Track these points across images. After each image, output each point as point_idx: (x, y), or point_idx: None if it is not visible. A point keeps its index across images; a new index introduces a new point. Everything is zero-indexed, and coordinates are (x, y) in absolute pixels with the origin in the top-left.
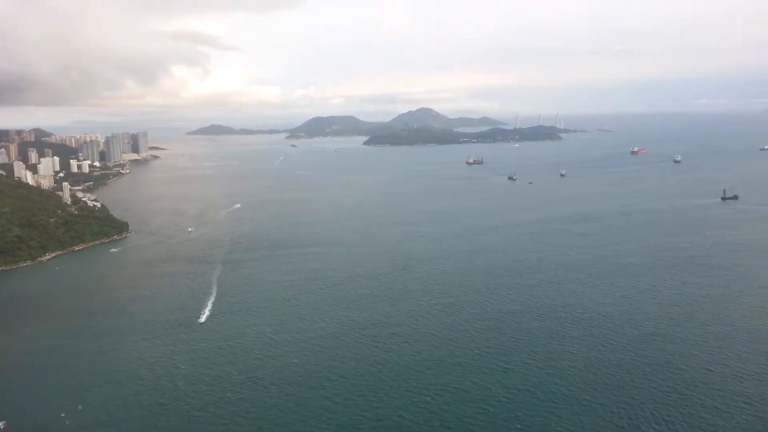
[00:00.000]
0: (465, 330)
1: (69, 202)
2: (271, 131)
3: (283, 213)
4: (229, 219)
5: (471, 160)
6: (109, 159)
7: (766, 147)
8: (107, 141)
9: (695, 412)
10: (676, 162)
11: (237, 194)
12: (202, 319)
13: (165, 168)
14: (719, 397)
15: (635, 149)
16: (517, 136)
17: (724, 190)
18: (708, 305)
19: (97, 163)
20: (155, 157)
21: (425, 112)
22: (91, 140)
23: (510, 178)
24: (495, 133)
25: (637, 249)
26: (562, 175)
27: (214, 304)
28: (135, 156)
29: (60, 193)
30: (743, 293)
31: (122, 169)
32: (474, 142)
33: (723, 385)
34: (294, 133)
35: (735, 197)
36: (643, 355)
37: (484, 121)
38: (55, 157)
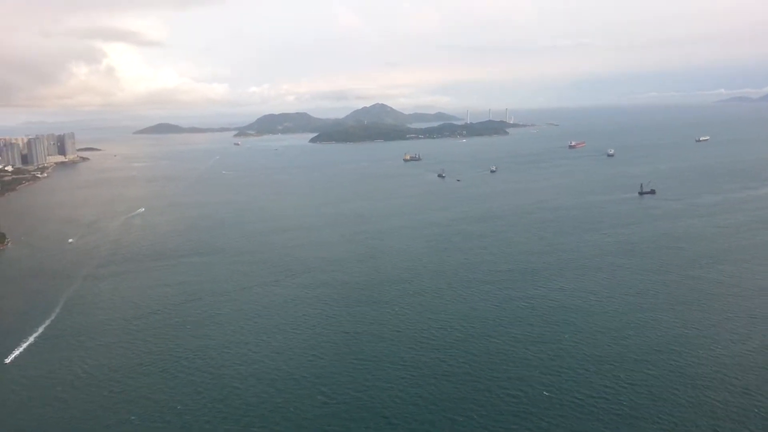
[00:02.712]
0: (303, 357)
1: None
2: (221, 129)
3: (185, 218)
4: (124, 226)
5: (408, 157)
6: (32, 162)
7: (702, 138)
8: (29, 143)
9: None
10: (609, 156)
11: (146, 198)
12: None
13: (89, 170)
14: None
15: (573, 143)
16: (465, 132)
17: (641, 185)
18: (559, 315)
19: (9, 168)
20: (84, 159)
21: (380, 108)
22: (11, 142)
23: (439, 176)
24: (443, 128)
25: (524, 251)
26: (492, 171)
27: (47, 327)
28: (61, 158)
29: None
30: (610, 299)
31: (40, 173)
32: (422, 138)
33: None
34: (243, 131)
35: (652, 192)
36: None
37: (439, 116)
38: None
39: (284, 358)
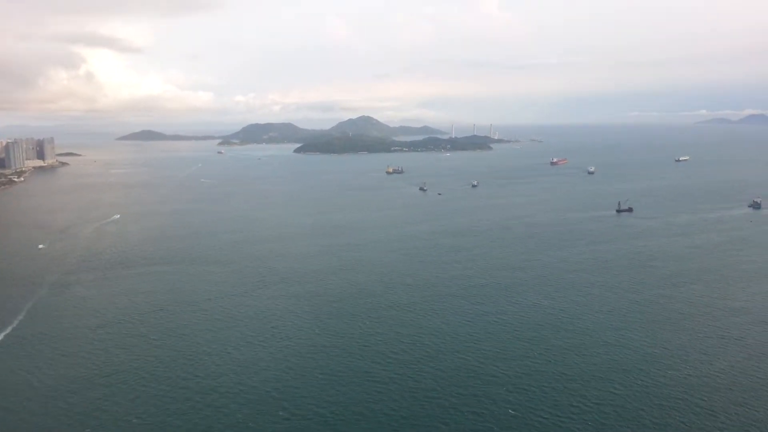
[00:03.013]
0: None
1: None
2: (205, 137)
3: (159, 226)
4: (97, 233)
5: (391, 170)
6: (10, 166)
7: (681, 158)
8: (7, 146)
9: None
10: (590, 173)
11: (122, 204)
12: None
13: (68, 176)
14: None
15: (554, 160)
16: (449, 146)
17: (619, 203)
18: (531, 331)
19: None
20: (63, 164)
21: (366, 120)
22: None
23: (421, 189)
24: (428, 142)
25: (499, 266)
26: (473, 186)
27: (7, 336)
28: (40, 162)
29: None
30: (582, 317)
31: (17, 177)
32: (406, 151)
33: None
34: (227, 139)
35: (630, 210)
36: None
37: (425, 130)
38: None
39: (249, 372)
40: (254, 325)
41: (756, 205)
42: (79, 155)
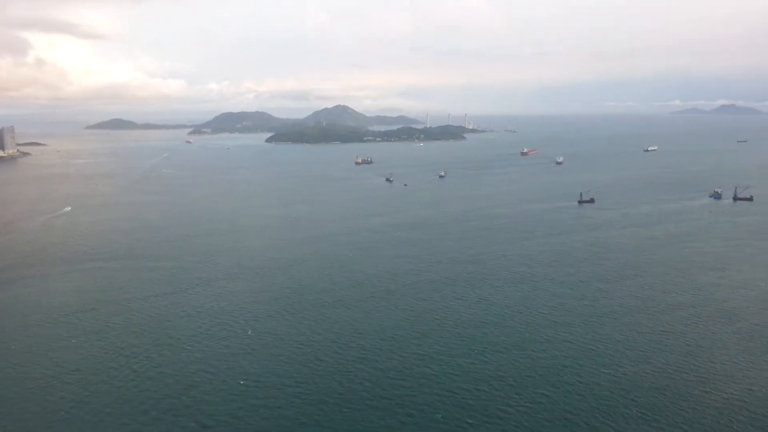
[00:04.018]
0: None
1: None
2: (176, 126)
3: (110, 219)
4: (44, 227)
5: (359, 160)
6: None
7: (650, 148)
8: None
9: None
10: (558, 163)
11: (76, 196)
12: None
13: (26, 166)
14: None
15: (525, 150)
16: (422, 136)
17: (581, 194)
18: (472, 329)
19: None
20: (24, 155)
21: (342, 110)
22: None
23: (387, 180)
24: (402, 132)
25: (452, 259)
26: (441, 177)
27: None
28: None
29: None
30: (526, 313)
31: None
32: (379, 141)
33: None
34: (199, 128)
35: (592, 200)
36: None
37: (401, 119)
38: None
39: (166, 380)
40: (183, 327)
41: (717, 195)
42: (44, 145)
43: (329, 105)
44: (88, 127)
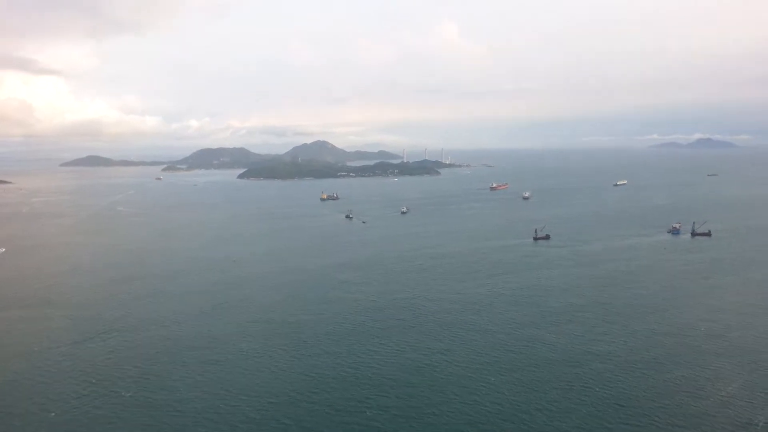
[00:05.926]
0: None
1: None
2: (152, 163)
3: (41, 262)
4: None
5: (325, 196)
6: None
7: (619, 183)
8: None
9: None
10: (525, 198)
11: (15, 237)
12: None
13: None
14: None
15: (494, 185)
16: (397, 171)
17: (536, 230)
18: (382, 385)
19: None
20: None
21: (321, 145)
22: None
23: (347, 216)
24: (377, 167)
25: (381, 306)
26: (403, 213)
27: None
28: None
29: None
30: (443, 365)
31: None
32: (353, 176)
33: None
34: (174, 165)
35: (547, 237)
36: None
37: (380, 155)
38: None
39: None
40: (70, 384)
41: (675, 231)
42: (8, 183)
43: (308, 140)
44: (64, 164)
